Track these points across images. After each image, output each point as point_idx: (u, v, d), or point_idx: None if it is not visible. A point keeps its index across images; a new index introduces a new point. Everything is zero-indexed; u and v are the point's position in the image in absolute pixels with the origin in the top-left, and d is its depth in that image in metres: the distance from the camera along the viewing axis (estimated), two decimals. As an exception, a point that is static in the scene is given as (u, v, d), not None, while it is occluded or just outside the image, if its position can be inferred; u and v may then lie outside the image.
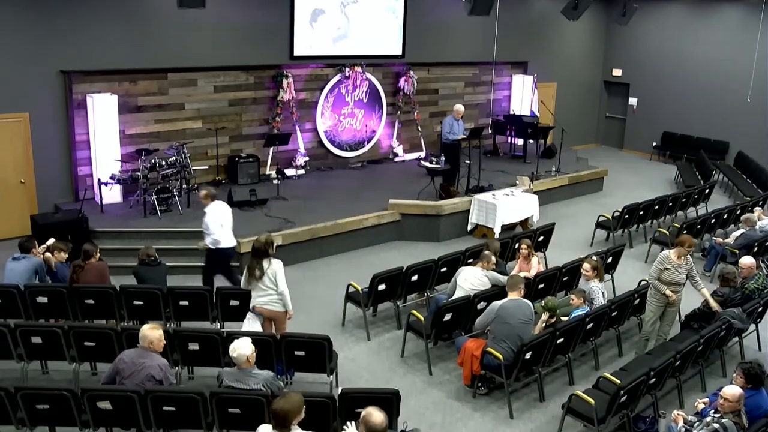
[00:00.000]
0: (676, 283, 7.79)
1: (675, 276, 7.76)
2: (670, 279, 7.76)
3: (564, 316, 7.80)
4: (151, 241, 9.95)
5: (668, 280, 7.76)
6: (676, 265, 7.75)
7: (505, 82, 17.92)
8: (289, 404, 4.72)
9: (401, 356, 8.09)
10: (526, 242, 8.93)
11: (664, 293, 7.78)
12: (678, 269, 7.75)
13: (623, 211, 12.00)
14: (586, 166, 16.18)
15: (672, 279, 7.77)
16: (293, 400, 4.75)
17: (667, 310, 7.93)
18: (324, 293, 9.73)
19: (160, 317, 7.79)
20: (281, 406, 4.70)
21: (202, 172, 12.86)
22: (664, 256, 7.83)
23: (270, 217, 11.26)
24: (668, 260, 7.78)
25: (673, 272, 7.75)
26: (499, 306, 7.09)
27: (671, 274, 7.75)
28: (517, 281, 7.26)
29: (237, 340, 5.83)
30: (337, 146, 15.00)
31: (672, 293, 7.79)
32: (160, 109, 12.37)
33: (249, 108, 13.50)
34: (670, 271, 7.75)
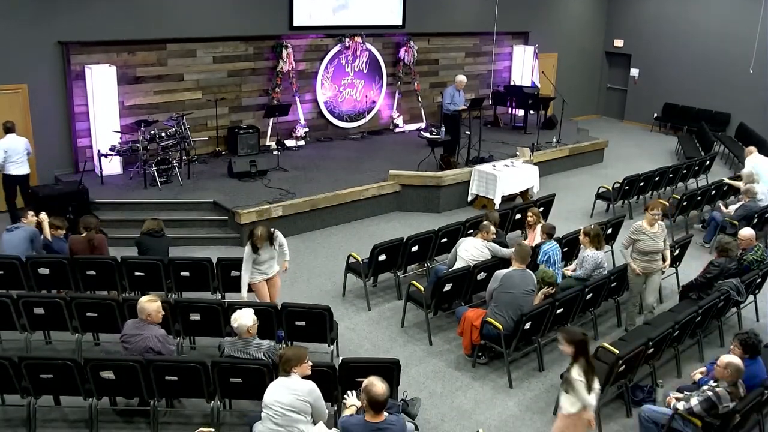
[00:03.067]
0: (654, 251, 7.77)
1: (652, 244, 7.73)
2: (646, 248, 7.74)
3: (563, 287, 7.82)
4: (151, 213, 9.96)
5: (645, 249, 7.74)
6: (651, 233, 7.73)
7: (505, 53, 17.74)
8: (291, 352, 5.14)
9: (401, 326, 8.13)
10: (534, 210, 8.89)
11: (632, 267, 7.82)
12: (654, 237, 7.74)
13: (623, 182, 11.96)
14: (587, 137, 16.09)
15: (649, 248, 7.74)
16: (296, 350, 5.22)
17: (647, 279, 7.90)
18: (324, 264, 9.74)
19: (162, 288, 7.80)
20: (285, 352, 5.15)
21: (201, 143, 12.79)
22: (637, 226, 7.81)
23: (270, 188, 11.23)
24: (642, 231, 7.76)
25: (648, 241, 7.73)
26: (504, 274, 7.10)
27: (647, 244, 7.72)
28: (526, 252, 7.24)
29: (238, 310, 5.84)
30: (337, 117, 14.90)
31: (640, 267, 7.79)
32: (159, 80, 12.25)
33: (248, 79, 13.38)
34: (646, 241, 7.72)
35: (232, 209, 10.28)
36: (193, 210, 10.61)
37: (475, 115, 13.30)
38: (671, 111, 19.01)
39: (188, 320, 6.87)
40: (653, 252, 7.77)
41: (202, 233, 10.28)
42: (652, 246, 7.74)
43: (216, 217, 10.53)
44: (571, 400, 5.12)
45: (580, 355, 5.11)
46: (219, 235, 10.29)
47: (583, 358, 5.10)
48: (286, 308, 6.84)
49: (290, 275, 7.94)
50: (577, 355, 5.11)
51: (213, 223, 10.50)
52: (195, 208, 10.64)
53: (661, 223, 7.86)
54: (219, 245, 10.12)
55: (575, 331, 5.28)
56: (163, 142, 11.22)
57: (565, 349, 5.17)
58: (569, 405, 5.13)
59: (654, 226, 7.78)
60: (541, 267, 7.77)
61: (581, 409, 5.09)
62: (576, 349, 5.10)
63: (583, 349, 5.11)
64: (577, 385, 5.05)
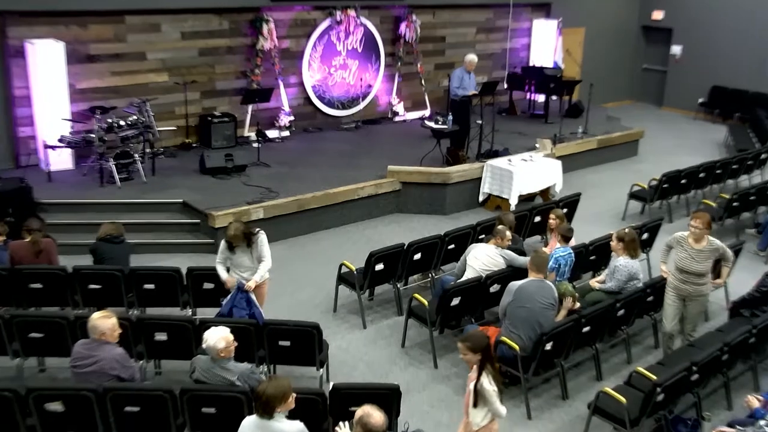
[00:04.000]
0: (689, 271, 7.42)
1: (691, 264, 7.40)
2: (682, 266, 7.45)
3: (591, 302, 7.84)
4: (109, 215, 9.92)
5: (681, 266, 7.46)
6: (694, 251, 7.38)
7: (524, 28, 17.79)
8: (273, 389, 4.85)
9: (402, 346, 8.14)
10: (556, 212, 8.90)
11: (666, 277, 7.67)
12: (695, 256, 7.38)
13: (662, 179, 11.99)
14: (619, 126, 16.11)
15: (685, 266, 7.43)
16: (279, 385, 4.87)
17: (686, 305, 7.59)
18: (313, 273, 9.74)
19: (121, 303, 7.81)
20: (264, 389, 4.85)
21: (168, 133, 12.80)
22: (678, 236, 7.53)
23: (249, 187, 11.23)
24: (681, 243, 7.47)
25: (687, 259, 7.41)
26: (518, 287, 7.12)
27: (684, 261, 7.43)
28: (543, 260, 7.26)
29: (211, 328, 5.85)
30: (327, 104, 14.93)
31: (672, 287, 7.56)
32: (116, 59, 12.26)
33: (223, 58, 13.40)
34: (683, 257, 7.43)
35: (204, 211, 10.30)
36: (159, 212, 10.60)
37: (487, 101, 13.33)
38: (720, 95, 19.05)
39: (153, 341, 6.88)
40: (691, 273, 7.43)
41: (170, 239, 10.28)
42: (691, 266, 7.40)
43: (186, 220, 10.55)
44: (483, 413, 5.29)
45: (487, 361, 5.29)
46: (189, 240, 10.31)
47: (489, 364, 5.29)
48: (267, 325, 6.85)
49: (273, 287, 7.94)
50: (483, 361, 5.27)
51: (182, 227, 10.50)
52: (161, 209, 10.64)
53: (714, 243, 7.44)
54: (189, 252, 10.12)
55: (477, 335, 5.41)
56: (122, 132, 11.21)
57: (470, 359, 5.31)
58: (481, 418, 5.31)
59: (700, 243, 7.39)
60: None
61: (491, 420, 5.32)
62: (482, 355, 5.27)
63: (489, 355, 5.31)
64: (490, 396, 5.24)
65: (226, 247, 7.31)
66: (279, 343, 6.85)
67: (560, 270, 8.03)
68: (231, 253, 7.30)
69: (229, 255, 7.32)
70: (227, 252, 7.34)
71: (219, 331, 5.79)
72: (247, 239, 7.23)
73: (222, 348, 5.74)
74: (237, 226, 7.21)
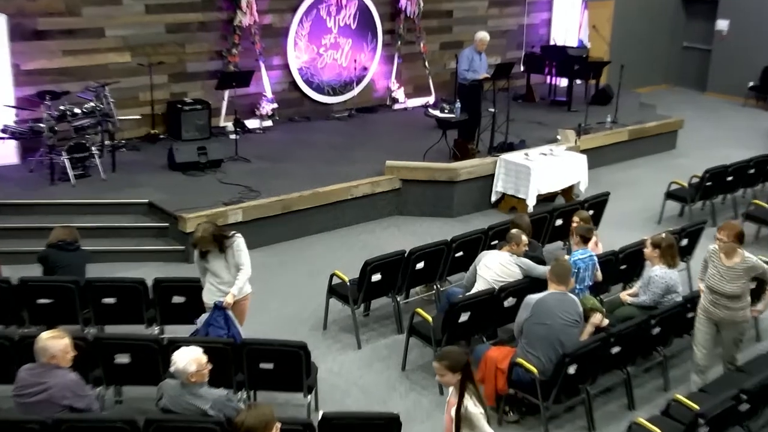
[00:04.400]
0: (719, 292, 7.27)
1: (721, 284, 7.25)
2: (712, 284, 7.32)
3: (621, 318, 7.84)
4: (62, 218, 9.90)
5: (710, 284, 7.34)
6: (725, 268, 7.24)
7: (543, 1, 17.81)
8: (253, 419, 4.88)
9: (402, 369, 8.14)
10: (581, 214, 8.90)
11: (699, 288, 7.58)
12: (726, 275, 7.23)
13: (704, 176, 11.98)
14: (654, 115, 16.11)
15: (715, 285, 7.28)
16: (260, 415, 4.90)
17: (719, 332, 7.47)
18: (299, 285, 9.75)
19: (76, 320, 7.78)
20: (243, 420, 4.88)
21: (131, 123, 12.78)
22: (711, 249, 7.42)
23: (226, 185, 11.23)
24: (712, 257, 7.37)
25: (716, 277, 7.27)
26: (537, 300, 7.12)
27: (714, 279, 7.29)
28: (565, 270, 7.25)
29: (181, 349, 5.83)
30: (315, 89, 14.93)
31: (702, 308, 7.43)
32: (70, 35, 12.23)
33: (195, 36, 13.39)
34: (713, 275, 7.31)
35: (174, 213, 10.29)
36: (121, 214, 10.60)
37: (501, 85, 13.32)
38: (773, 78, 19.05)
39: (113, 364, 6.85)
40: (721, 294, 7.28)
41: (133, 245, 10.29)
42: (720, 286, 7.25)
43: (152, 223, 10.54)
44: None
45: (468, 381, 5.28)
46: (156, 247, 10.30)
47: (470, 383, 5.29)
48: (246, 345, 6.84)
49: (254, 301, 7.93)
50: (464, 381, 5.26)
51: (148, 232, 10.50)
52: (123, 211, 10.63)
53: (750, 260, 7.25)
54: (156, 261, 10.11)
55: (455, 352, 5.39)
56: (76, 121, 11.19)
57: (448, 380, 5.30)
58: None
59: (732, 258, 7.22)
60: None
61: None
62: (462, 375, 5.26)
63: (469, 373, 5.30)
64: (478, 420, 5.22)
65: (198, 257, 7.31)
66: (260, 366, 6.83)
67: (579, 275, 8.03)
68: (204, 261, 7.29)
69: (203, 263, 7.31)
70: (201, 261, 7.34)
71: (189, 352, 5.77)
72: (219, 243, 7.20)
73: (193, 371, 5.72)
74: (205, 228, 7.20)
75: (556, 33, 17.88)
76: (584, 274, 8.08)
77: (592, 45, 17.47)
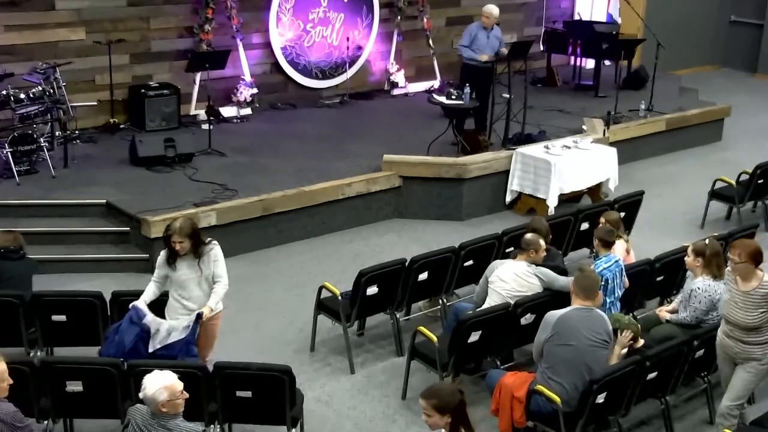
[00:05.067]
0: (731, 321, 7.12)
1: (733, 311, 7.08)
2: (725, 312, 7.22)
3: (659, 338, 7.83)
4: (5, 222, 9.92)
5: (724, 312, 7.25)
6: (739, 294, 7.06)
7: (567, -30, 17.85)
8: None
9: (403, 398, 8.12)
10: (610, 216, 8.89)
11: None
12: (740, 301, 7.04)
13: (755, 172, 11.98)
14: (696, 101, 16.14)
15: (728, 313, 7.16)
16: None
17: (737, 369, 7.27)
18: (282, 299, 9.74)
19: (20, 341, 7.75)
20: None
21: (87, 110, 12.79)
22: (728, 269, 7.25)
23: (198, 182, 11.24)
24: (730, 280, 7.20)
25: (729, 304, 7.14)
26: (559, 317, 7.09)
27: (727, 306, 7.16)
28: (592, 282, 7.24)
29: (154, 372, 5.79)
30: (302, 72, 14.95)
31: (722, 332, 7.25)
32: (13, 8, 12.22)
33: (161, 10, 13.41)
34: (726, 301, 7.20)
35: (136, 215, 10.27)
36: (74, 216, 10.59)
37: (518, 67, 13.32)
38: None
39: (63, 392, 6.81)
40: (734, 324, 7.12)
41: (89, 253, 10.26)
42: (733, 315, 7.08)
43: (110, 228, 10.54)
44: None
45: (460, 424, 5.23)
46: (115, 255, 10.29)
47: (464, 428, 5.23)
48: (221, 370, 6.81)
49: (230, 317, 7.92)
50: (455, 425, 5.21)
51: (105, 238, 10.50)
52: (76, 213, 10.62)
53: (764, 277, 7.00)
54: (115, 272, 10.09)
55: (445, 390, 5.33)
56: (22, 108, 11.21)
57: (435, 422, 5.26)
58: None
59: (748, 282, 7.01)
60: None
61: None
62: (453, 417, 5.21)
63: (463, 415, 5.24)
64: None
65: (165, 259, 7.25)
66: (237, 394, 6.80)
67: (608, 287, 8.01)
68: (171, 269, 7.23)
69: (169, 271, 7.25)
70: (165, 267, 7.26)
71: (162, 378, 5.73)
72: (195, 244, 7.17)
73: (164, 400, 5.68)
74: (185, 218, 7.23)
75: (581, 6, 17.91)
76: (613, 284, 8.08)
77: (623, 20, 17.48)
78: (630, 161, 13.84)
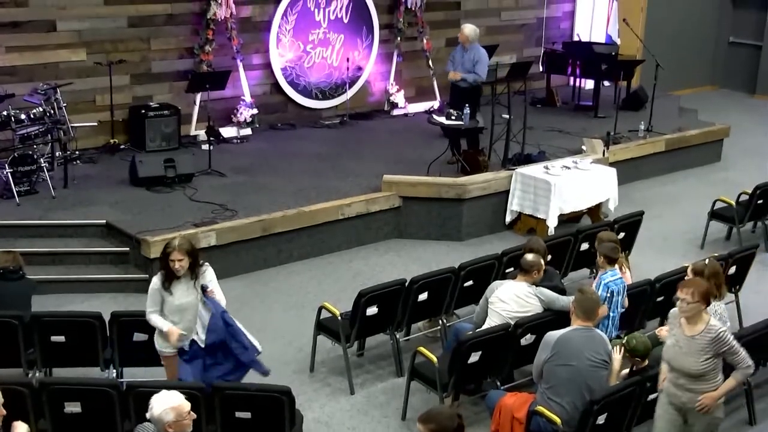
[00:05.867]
0: (676, 368, 6.69)
1: (677, 355, 6.66)
2: (668, 357, 6.78)
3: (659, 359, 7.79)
4: (4, 242, 9.91)
5: (667, 357, 6.80)
6: (684, 339, 6.63)
7: (566, -9, 17.91)
8: None
9: (403, 419, 8.10)
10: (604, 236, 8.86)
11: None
12: (685, 345, 6.62)
13: (755, 192, 11.98)
14: (696, 121, 16.15)
15: (671, 357, 6.73)
16: None
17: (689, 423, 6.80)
18: (282, 320, 9.74)
19: (18, 362, 7.73)
20: None
21: (87, 131, 12.80)
22: (674, 312, 6.88)
23: (197, 203, 11.25)
24: (674, 322, 6.82)
25: (673, 347, 6.72)
26: (559, 337, 7.08)
27: (670, 350, 6.75)
28: (593, 303, 7.24)
29: (162, 392, 5.77)
30: (302, 92, 14.98)
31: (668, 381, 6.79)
32: (15, 29, 12.27)
33: (162, 30, 13.45)
34: (670, 344, 6.79)
35: (135, 236, 10.27)
36: (74, 237, 10.59)
37: (517, 88, 13.36)
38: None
39: (62, 414, 6.78)
40: (681, 372, 6.67)
41: (88, 273, 10.26)
42: (678, 360, 6.67)
43: (110, 248, 10.54)
44: None
45: None
46: (115, 276, 10.29)
47: None
48: (221, 391, 6.79)
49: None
50: None
51: (105, 258, 10.50)
52: (76, 233, 10.63)
53: (714, 329, 6.58)
54: (115, 292, 10.10)
55: (444, 414, 5.17)
56: (22, 128, 11.21)
57: None
58: None
59: (694, 325, 6.59)
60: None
61: None
62: None
63: None
64: None
65: (160, 284, 7.12)
66: (236, 415, 6.78)
67: (613, 300, 8.02)
68: (167, 293, 7.18)
69: (165, 295, 7.19)
70: (161, 293, 7.14)
71: (169, 399, 5.70)
72: (193, 263, 7.09)
73: (171, 421, 5.66)
74: (183, 238, 7.15)
75: (581, 27, 17.96)
76: (617, 297, 8.09)
77: (623, 41, 17.53)
78: (630, 181, 13.85)
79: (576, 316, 7.20)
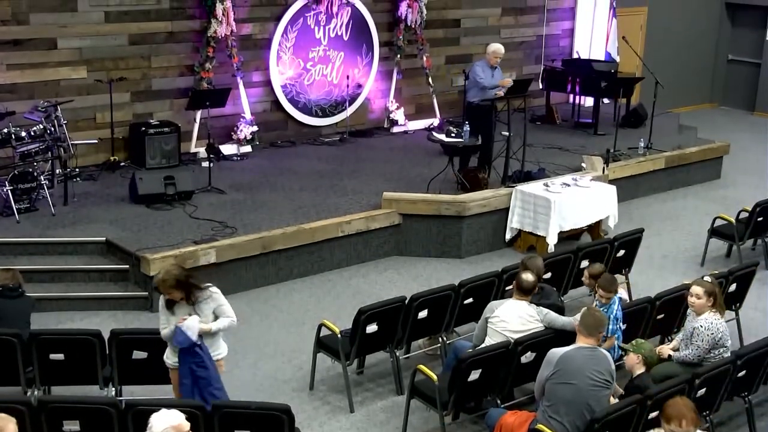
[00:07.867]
0: None
1: None
2: None
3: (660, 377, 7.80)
4: (3, 260, 9.90)
5: None
6: None
7: (565, 8, 17.95)
8: None
9: (402, 438, 8.09)
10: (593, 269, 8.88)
11: None
12: None
13: (755, 210, 11.97)
14: (695, 138, 16.16)
15: None
16: None
17: None
18: (281, 338, 9.72)
19: (17, 381, 7.71)
20: None
21: (87, 148, 12.82)
22: None
23: (197, 220, 11.25)
24: None
25: None
26: (562, 355, 7.06)
27: None
28: (598, 322, 7.21)
29: (161, 411, 5.75)
30: (302, 109, 15.00)
31: None
32: (15, 47, 12.30)
33: (162, 48, 13.48)
34: None
35: (135, 253, 10.26)
36: (73, 254, 10.59)
37: (517, 105, 13.36)
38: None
39: None
40: None
41: (88, 291, 10.25)
42: None
43: (110, 265, 10.52)
44: None
45: None
46: (114, 293, 10.27)
47: None
48: (220, 409, 6.76)
49: (229, 356, 7.85)
50: None
51: (105, 275, 10.49)
52: (76, 251, 10.62)
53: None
54: (114, 309, 10.09)
55: None
56: (23, 146, 11.22)
57: None
58: None
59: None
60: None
61: None
62: None
63: None
64: None
65: (164, 305, 7.16)
66: (235, 434, 6.78)
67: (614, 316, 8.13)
68: (171, 314, 7.16)
69: (169, 316, 7.16)
70: (167, 313, 7.16)
71: (169, 417, 5.68)
72: (185, 291, 7.08)
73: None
74: (168, 270, 7.08)
75: (580, 45, 18.00)
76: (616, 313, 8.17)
77: (622, 58, 17.58)
78: (629, 199, 13.86)
79: (579, 333, 7.21)
